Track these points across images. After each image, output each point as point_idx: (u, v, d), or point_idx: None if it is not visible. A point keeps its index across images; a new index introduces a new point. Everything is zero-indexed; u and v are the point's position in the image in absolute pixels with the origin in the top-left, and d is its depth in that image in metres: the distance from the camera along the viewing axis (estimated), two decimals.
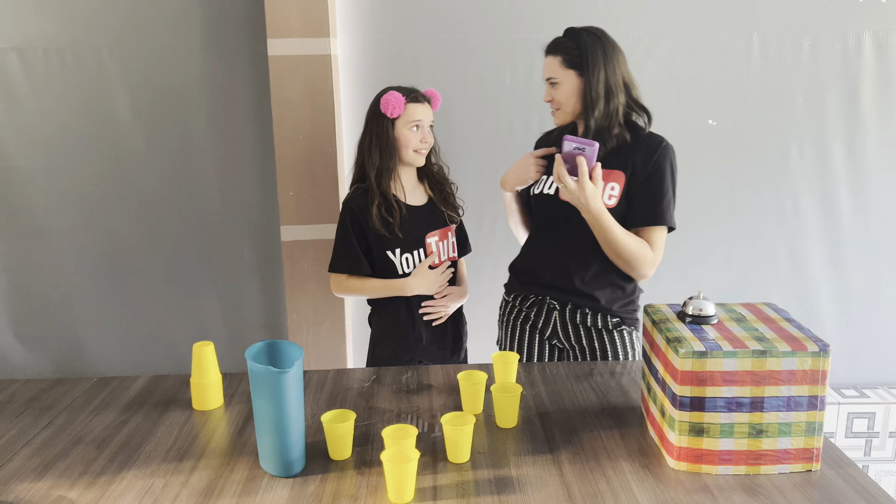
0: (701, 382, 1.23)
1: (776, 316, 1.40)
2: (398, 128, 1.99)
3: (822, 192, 2.78)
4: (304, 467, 1.31)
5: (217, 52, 2.63)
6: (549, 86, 1.91)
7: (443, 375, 1.75)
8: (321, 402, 1.61)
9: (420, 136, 2.00)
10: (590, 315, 1.92)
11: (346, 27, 2.62)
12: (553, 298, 1.95)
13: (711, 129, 2.72)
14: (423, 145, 2.01)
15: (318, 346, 2.68)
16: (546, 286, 1.97)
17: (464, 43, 2.64)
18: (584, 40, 1.85)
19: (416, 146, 2.00)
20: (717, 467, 1.26)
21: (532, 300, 2.00)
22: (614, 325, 1.93)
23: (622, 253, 1.79)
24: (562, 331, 1.95)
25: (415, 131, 1.99)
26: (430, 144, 2.04)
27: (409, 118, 1.98)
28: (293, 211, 2.59)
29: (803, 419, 1.24)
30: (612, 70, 1.84)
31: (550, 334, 1.97)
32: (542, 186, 1.95)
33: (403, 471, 1.16)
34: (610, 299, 1.91)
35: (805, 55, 2.66)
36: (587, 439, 1.40)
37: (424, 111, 2.01)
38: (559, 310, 1.94)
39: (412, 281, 2.02)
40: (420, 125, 1.99)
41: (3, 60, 2.61)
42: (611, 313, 1.92)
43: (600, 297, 1.90)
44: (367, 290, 2.06)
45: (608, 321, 1.92)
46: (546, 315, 1.97)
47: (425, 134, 2.01)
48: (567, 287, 1.92)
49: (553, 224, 1.94)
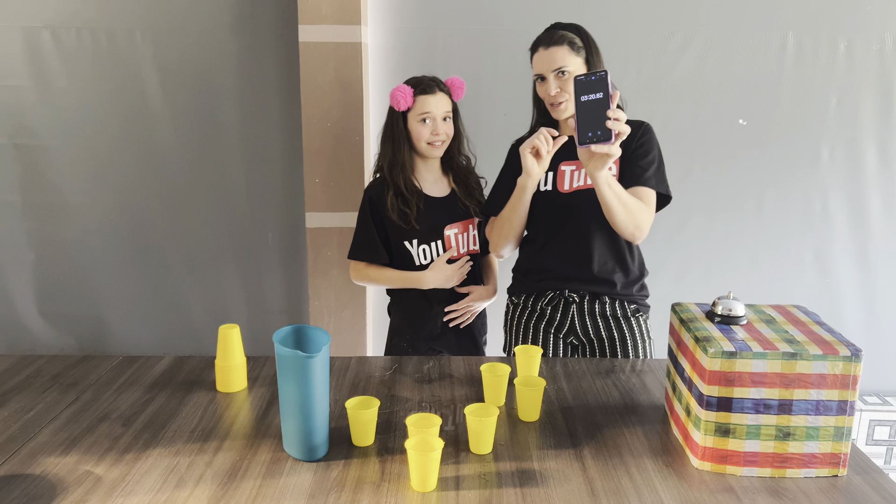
0: (729, 383, 1.22)
1: (806, 319, 1.39)
2: (410, 121, 1.99)
3: (852, 196, 2.74)
4: (327, 452, 1.32)
5: (248, 37, 2.64)
6: (556, 77, 1.85)
7: (464, 367, 1.75)
8: (344, 388, 1.62)
9: (431, 128, 1.98)
10: (608, 303, 1.91)
11: (377, 15, 2.61)
12: (571, 291, 1.94)
13: (742, 128, 2.69)
14: (435, 137, 1.98)
15: (339, 333, 2.69)
16: (563, 279, 1.95)
17: (494, 34, 2.63)
18: (580, 30, 1.88)
19: (428, 138, 1.98)
20: (741, 468, 1.25)
21: (550, 296, 1.97)
22: (632, 311, 1.93)
23: (629, 205, 1.73)
24: (580, 324, 1.94)
25: (426, 124, 1.97)
26: (447, 136, 2.01)
27: (419, 111, 1.97)
28: (318, 198, 2.60)
29: (832, 424, 1.22)
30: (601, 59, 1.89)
31: (567, 331, 1.96)
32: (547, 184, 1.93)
33: (427, 459, 1.17)
34: (625, 283, 1.92)
35: (841, 56, 2.62)
36: (610, 435, 1.39)
37: (436, 102, 1.98)
38: (577, 302, 1.93)
39: (428, 274, 2.02)
40: (430, 117, 1.97)
41: (36, 39, 2.64)
42: (628, 299, 1.92)
43: (617, 281, 1.91)
44: (383, 281, 2.07)
45: (626, 308, 1.92)
46: (563, 309, 1.95)
47: (437, 126, 1.98)
48: (585, 276, 1.91)
49: (559, 219, 1.91)
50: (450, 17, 2.62)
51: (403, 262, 2.05)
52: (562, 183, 1.90)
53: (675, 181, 2.73)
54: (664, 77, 2.65)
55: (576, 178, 1.89)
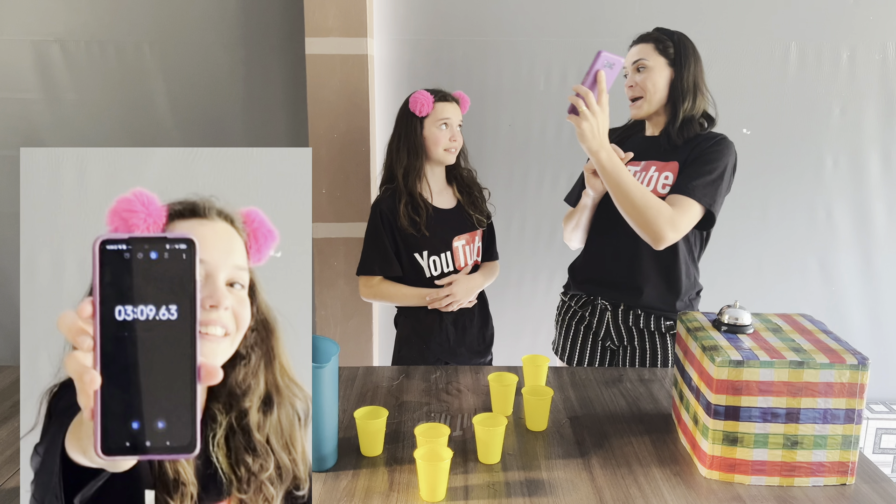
0: (736, 391, 1.22)
1: (813, 327, 1.39)
2: (427, 127, 2.00)
3: (856, 205, 2.75)
4: (336, 462, 1.32)
5: (255, 50, 2.66)
6: (635, 71, 1.86)
7: (471, 376, 1.76)
8: (351, 398, 1.62)
9: (449, 134, 2.01)
10: (642, 316, 1.90)
11: (383, 27, 2.64)
12: (605, 299, 1.95)
13: (745, 137, 2.70)
14: (452, 144, 2.01)
15: (346, 343, 2.70)
16: (598, 284, 1.97)
17: (499, 45, 2.65)
18: (678, 36, 1.87)
19: (447, 145, 2.01)
20: (750, 477, 1.25)
21: (584, 300, 2.00)
22: (667, 328, 1.91)
23: (635, 198, 1.67)
24: (614, 332, 1.95)
25: (444, 129, 2.00)
26: (460, 144, 2.05)
27: (438, 116, 2.00)
28: (325, 208, 2.62)
29: (839, 432, 1.23)
30: (700, 70, 1.86)
31: (604, 335, 1.97)
32: None
33: (436, 469, 1.17)
34: (660, 298, 1.89)
35: (843, 65, 2.63)
36: (618, 445, 1.40)
37: (453, 110, 2.02)
38: (611, 311, 1.94)
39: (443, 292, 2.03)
40: (449, 123, 2.00)
41: (46, 52, 2.67)
42: (664, 315, 1.90)
43: (650, 294, 1.88)
44: (398, 298, 2.07)
45: (661, 324, 1.90)
46: (599, 315, 1.96)
47: (454, 133, 2.02)
48: (617, 283, 1.92)
49: (602, 220, 1.93)
50: (455, 28, 2.64)
51: (414, 274, 2.05)
52: None
53: None
54: None
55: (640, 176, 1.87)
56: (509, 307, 2.51)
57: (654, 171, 1.84)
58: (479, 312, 2.15)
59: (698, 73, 1.86)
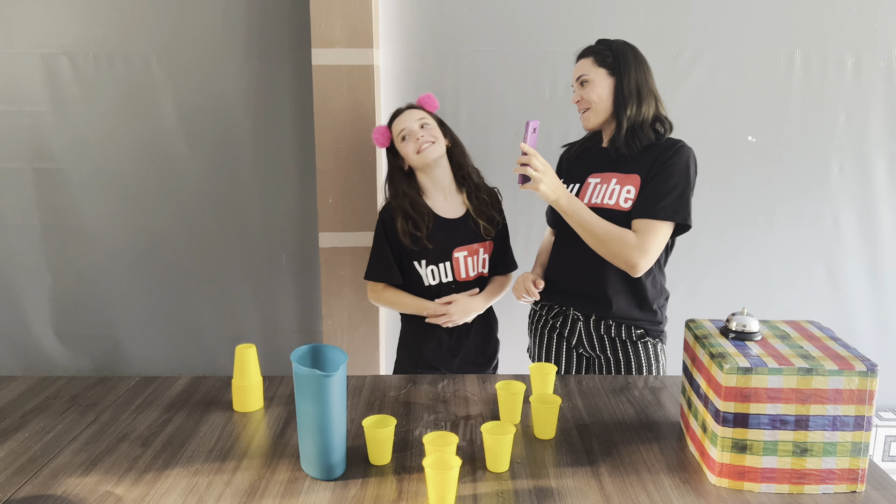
0: (745, 399, 1.22)
1: (821, 334, 1.39)
2: (397, 148, 2.07)
3: (862, 211, 2.75)
4: (344, 471, 1.32)
5: (262, 61, 2.68)
6: (579, 86, 1.92)
7: (479, 385, 1.76)
8: (359, 407, 1.63)
9: (412, 140, 2.02)
10: (613, 326, 1.91)
11: (389, 38, 2.65)
12: (577, 310, 1.95)
13: (750, 144, 2.70)
14: (418, 143, 2.01)
15: (353, 351, 2.70)
16: (567, 295, 1.98)
17: (504, 55, 2.66)
18: (616, 45, 1.90)
19: (413, 148, 2.02)
20: (759, 485, 1.25)
21: (556, 310, 2.00)
22: (638, 336, 1.91)
23: (598, 234, 1.77)
24: (587, 340, 1.95)
25: (406, 140, 2.04)
26: (432, 136, 2.03)
27: (395, 133, 2.07)
28: (331, 218, 2.62)
29: (849, 439, 1.22)
30: (643, 75, 1.87)
31: (577, 343, 1.97)
32: None
33: (445, 478, 1.17)
34: (629, 308, 1.90)
35: (848, 72, 2.63)
36: (626, 452, 1.40)
37: (408, 117, 2.06)
38: (583, 320, 1.94)
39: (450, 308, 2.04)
40: (406, 132, 2.04)
41: (54, 65, 2.69)
42: (634, 324, 1.91)
43: (619, 305, 1.89)
44: (399, 306, 2.09)
45: (632, 332, 1.91)
46: (571, 325, 1.97)
47: (415, 133, 2.02)
48: (586, 295, 1.93)
49: (567, 235, 1.91)
50: (459, 38, 2.65)
51: (413, 281, 2.06)
52: (584, 195, 1.90)
53: None
54: (673, 94, 2.66)
55: (596, 194, 1.88)
56: (517, 315, 2.51)
57: (616, 183, 1.86)
58: (480, 325, 2.14)
59: (641, 78, 1.86)
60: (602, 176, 1.90)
